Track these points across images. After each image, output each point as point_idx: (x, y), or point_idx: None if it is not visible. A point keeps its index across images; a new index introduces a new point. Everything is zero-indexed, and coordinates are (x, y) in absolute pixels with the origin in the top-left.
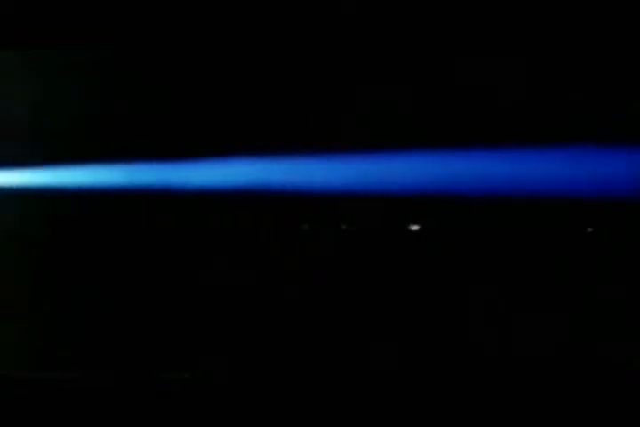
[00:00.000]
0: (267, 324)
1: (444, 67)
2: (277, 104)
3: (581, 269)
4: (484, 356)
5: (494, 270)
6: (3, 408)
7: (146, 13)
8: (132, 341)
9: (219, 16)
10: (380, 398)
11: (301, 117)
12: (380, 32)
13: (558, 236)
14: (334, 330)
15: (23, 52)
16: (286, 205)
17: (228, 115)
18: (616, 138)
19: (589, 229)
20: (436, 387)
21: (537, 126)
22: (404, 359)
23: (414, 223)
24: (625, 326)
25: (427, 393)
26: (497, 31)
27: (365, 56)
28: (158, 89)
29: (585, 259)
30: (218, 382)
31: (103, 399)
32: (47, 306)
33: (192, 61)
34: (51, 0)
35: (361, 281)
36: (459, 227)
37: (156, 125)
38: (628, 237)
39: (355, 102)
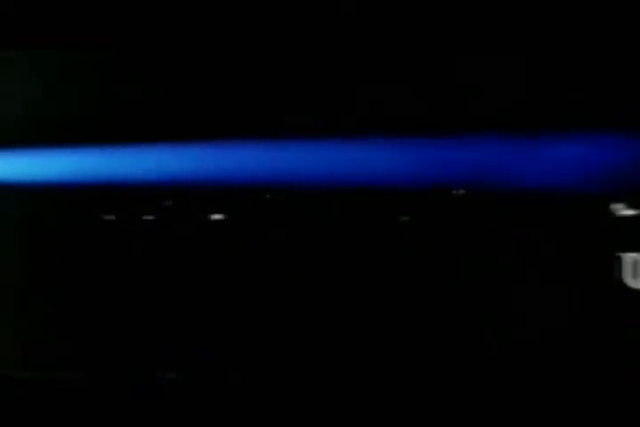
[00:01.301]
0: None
1: (444, 67)
2: (275, 102)
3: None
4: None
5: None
6: (3, 408)
7: (146, 13)
8: (131, 341)
9: (217, 15)
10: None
11: (305, 113)
12: (380, 32)
13: (557, 234)
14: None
15: (23, 51)
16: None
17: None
18: (615, 137)
19: (585, 226)
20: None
21: (536, 126)
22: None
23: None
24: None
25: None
26: (497, 31)
27: (365, 56)
28: (157, 89)
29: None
30: (216, 382)
31: (103, 399)
32: (46, 306)
33: (191, 62)
34: (51, 0)
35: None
36: (463, 223)
37: (153, 123)
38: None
39: (354, 101)
